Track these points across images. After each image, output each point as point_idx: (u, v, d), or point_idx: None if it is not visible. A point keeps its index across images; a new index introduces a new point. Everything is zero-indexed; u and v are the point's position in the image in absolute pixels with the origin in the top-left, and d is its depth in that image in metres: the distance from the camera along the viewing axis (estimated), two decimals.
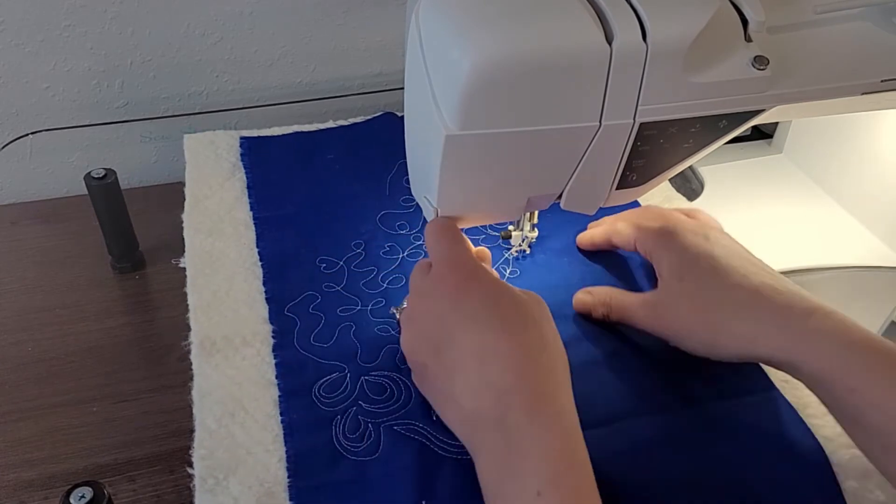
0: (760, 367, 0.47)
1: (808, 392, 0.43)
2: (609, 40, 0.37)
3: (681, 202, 0.62)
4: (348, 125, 0.69)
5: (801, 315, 0.41)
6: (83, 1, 0.66)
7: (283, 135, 0.67)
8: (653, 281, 0.49)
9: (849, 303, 0.59)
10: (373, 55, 0.78)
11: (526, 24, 0.36)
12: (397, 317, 0.49)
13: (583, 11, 0.37)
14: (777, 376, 0.47)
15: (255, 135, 0.67)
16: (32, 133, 0.70)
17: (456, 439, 0.42)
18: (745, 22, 0.39)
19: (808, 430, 0.44)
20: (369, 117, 0.69)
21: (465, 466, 0.41)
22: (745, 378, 0.47)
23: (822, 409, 0.42)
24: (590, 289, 0.51)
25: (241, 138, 0.66)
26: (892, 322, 0.59)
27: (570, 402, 0.39)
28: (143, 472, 0.47)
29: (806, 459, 0.43)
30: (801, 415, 0.45)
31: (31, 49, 0.67)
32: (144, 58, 0.71)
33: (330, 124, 0.68)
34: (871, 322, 0.59)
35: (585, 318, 0.51)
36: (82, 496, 0.37)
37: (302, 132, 0.67)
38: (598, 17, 0.37)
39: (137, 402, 0.51)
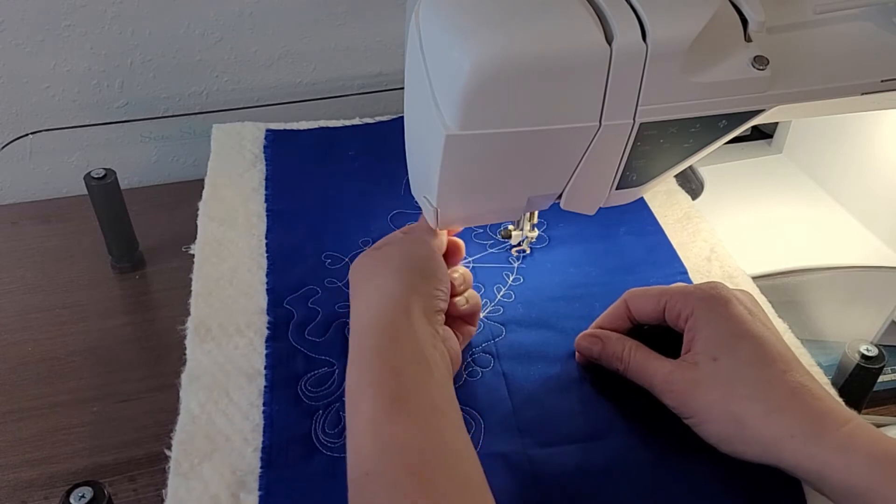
0: None
1: None
2: (609, 40, 0.36)
3: (685, 197, 0.62)
4: (374, 123, 0.70)
5: (835, 424, 0.38)
6: (83, 1, 0.66)
7: (309, 129, 0.68)
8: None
9: (849, 303, 0.59)
10: (373, 55, 0.78)
11: (526, 24, 0.36)
12: None
13: (583, 11, 0.37)
14: None
15: (282, 128, 0.67)
16: (32, 133, 0.70)
17: None
18: (744, 22, 0.39)
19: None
20: (395, 116, 0.70)
21: None
22: None
23: None
24: (597, 332, 0.47)
25: (267, 131, 0.67)
26: (893, 322, 0.59)
27: (415, 343, 0.40)
28: (143, 471, 0.47)
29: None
30: None
31: (31, 49, 0.67)
32: (144, 58, 0.71)
33: (356, 121, 0.69)
34: (871, 322, 0.59)
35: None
36: (82, 496, 0.37)
37: (327, 127, 0.68)
38: (598, 17, 0.37)
39: (137, 401, 0.51)
